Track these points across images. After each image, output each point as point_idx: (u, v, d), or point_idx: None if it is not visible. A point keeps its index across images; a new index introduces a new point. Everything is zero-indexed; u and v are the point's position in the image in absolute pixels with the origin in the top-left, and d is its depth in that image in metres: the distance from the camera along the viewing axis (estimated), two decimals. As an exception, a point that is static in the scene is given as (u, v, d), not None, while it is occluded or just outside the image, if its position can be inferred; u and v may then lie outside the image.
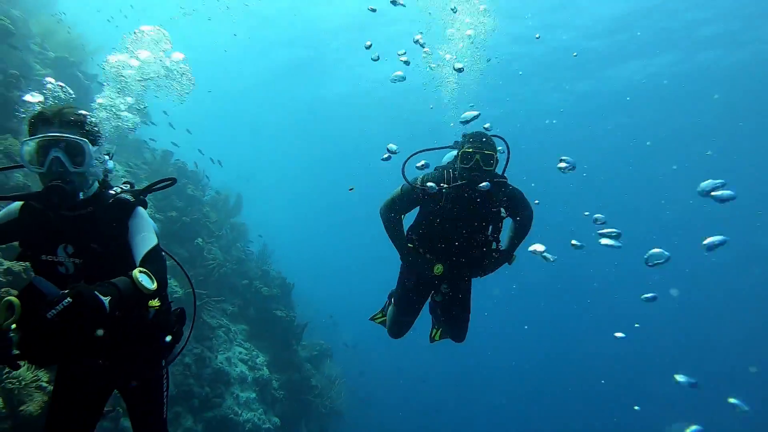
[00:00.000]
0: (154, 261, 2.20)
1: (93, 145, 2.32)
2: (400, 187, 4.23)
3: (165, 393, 2.76)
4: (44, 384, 4.33)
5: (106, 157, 2.47)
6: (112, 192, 2.46)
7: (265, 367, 11.18)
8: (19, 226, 2.39)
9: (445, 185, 4.00)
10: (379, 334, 5.84)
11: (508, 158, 4.16)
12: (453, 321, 4.80)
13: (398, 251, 4.43)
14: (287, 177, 59.71)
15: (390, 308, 5.13)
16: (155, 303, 2.29)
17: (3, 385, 4.12)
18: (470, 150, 3.86)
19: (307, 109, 37.57)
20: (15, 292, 1.91)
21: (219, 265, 10.69)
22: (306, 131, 43.84)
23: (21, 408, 4.09)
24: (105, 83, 2.69)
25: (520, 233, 4.33)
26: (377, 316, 5.64)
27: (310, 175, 57.66)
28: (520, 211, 4.24)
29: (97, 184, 2.46)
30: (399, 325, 5.01)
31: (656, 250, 4.35)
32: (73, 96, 2.60)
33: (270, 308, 12.19)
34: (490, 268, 4.35)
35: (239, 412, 8.96)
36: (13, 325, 1.64)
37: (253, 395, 10.02)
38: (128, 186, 2.63)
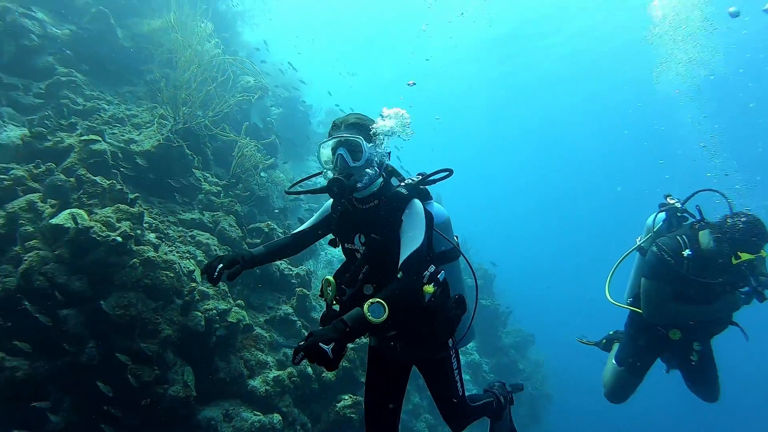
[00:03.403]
0: (407, 270, 2.26)
1: (369, 143, 2.56)
2: (652, 276, 4.06)
3: (456, 370, 2.93)
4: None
5: (382, 157, 2.65)
6: (395, 185, 2.65)
7: (475, 352, 12.94)
8: (331, 219, 2.86)
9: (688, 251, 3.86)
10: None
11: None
12: (702, 379, 4.43)
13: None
14: (495, 172, 62.24)
15: (613, 368, 4.78)
16: (430, 289, 2.33)
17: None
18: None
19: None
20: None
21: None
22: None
23: (323, 374, 6.67)
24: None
25: None
26: (586, 341, 5.40)
27: (519, 172, 59.39)
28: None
29: (381, 179, 2.67)
30: (626, 388, 4.72)
31: None
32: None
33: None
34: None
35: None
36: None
37: (467, 377, 11.74)
38: (419, 178, 2.75)
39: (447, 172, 2.72)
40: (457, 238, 2.90)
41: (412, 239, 2.36)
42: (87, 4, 9.78)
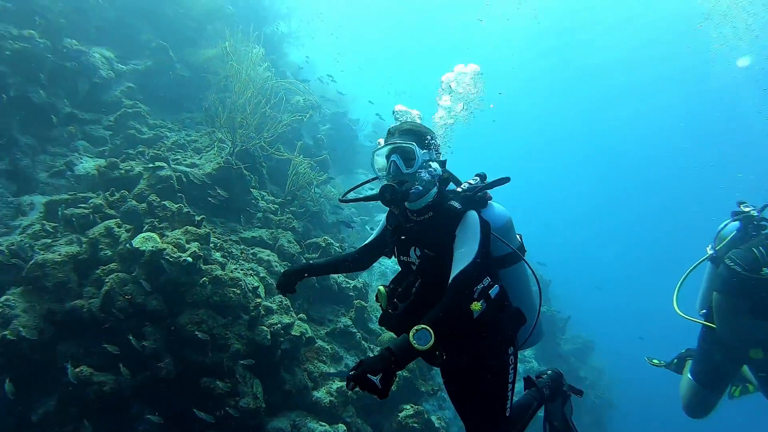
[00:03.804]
0: (454, 289, 2.20)
1: (423, 149, 2.48)
2: (726, 290, 3.86)
3: (510, 383, 2.65)
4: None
5: (436, 165, 2.55)
6: (450, 195, 2.57)
7: (533, 360, 12.71)
8: (388, 231, 2.81)
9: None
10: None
11: None
12: None
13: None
14: (545, 171, 61.27)
15: (689, 382, 4.56)
16: (477, 306, 2.25)
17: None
18: None
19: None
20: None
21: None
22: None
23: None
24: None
25: None
26: (656, 362, 5.22)
27: (573, 170, 58.22)
28: None
29: (435, 189, 2.56)
30: (706, 405, 4.46)
31: None
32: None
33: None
34: None
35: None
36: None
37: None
38: (477, 180, 2.73)
39: (504, 180, 2.63)
40: (520, 237, 2.78)
41: (463, 255, 2.29)
42: (148, 40, 10.44)
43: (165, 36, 10.57)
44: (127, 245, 5.11)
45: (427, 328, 2.00)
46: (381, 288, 2.71)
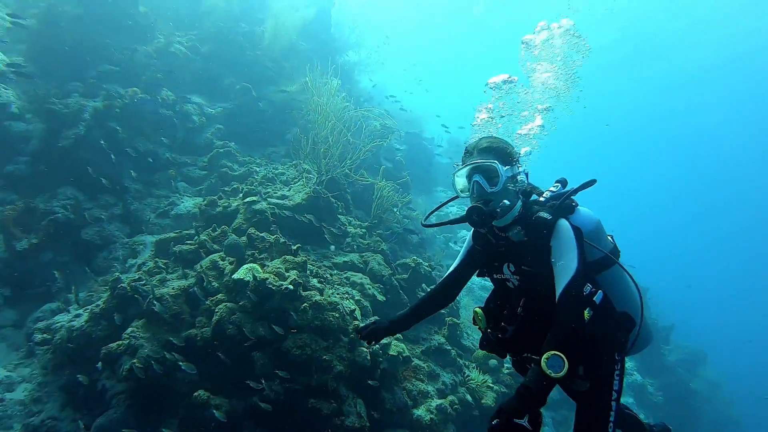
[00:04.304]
0: (566, 305, 2.12)
1: (505, 165, 2.39)
2: None
3: (614, 394, 2.45)
4: (491, 384, 6.98)
5: (521, 178, 2.48)
6: (535, 206, 2.47)
7: (636, 372, 11.98)
8: (476, 251, 2.70)
9: None
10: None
11: None
12: None
13: None
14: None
15: None
16: (585, 315, 2.20)
17: (468, 385, 6.92)
18: None
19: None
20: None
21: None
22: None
23: (482, 401, 6.74)
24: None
25: None
26: None
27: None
28: None
29: (520, 203, 2.48)
30: None
31: None
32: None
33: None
34: None
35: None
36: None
37: (631, 399, 10.97)
38: (558, 187, 2.62)
39: (590, 183, 2.48)
40: (611, 238, 2.65)
41: (564, 268, 2.18)
42: (232, 83, 11.17)
43: (247, 77, 11.26)
44: (233, 276, 5.42)
45: (557, 353, 1.92)
46: (478, 310, 2.65)
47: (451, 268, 2.83)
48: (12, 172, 7.65)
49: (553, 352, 1.92)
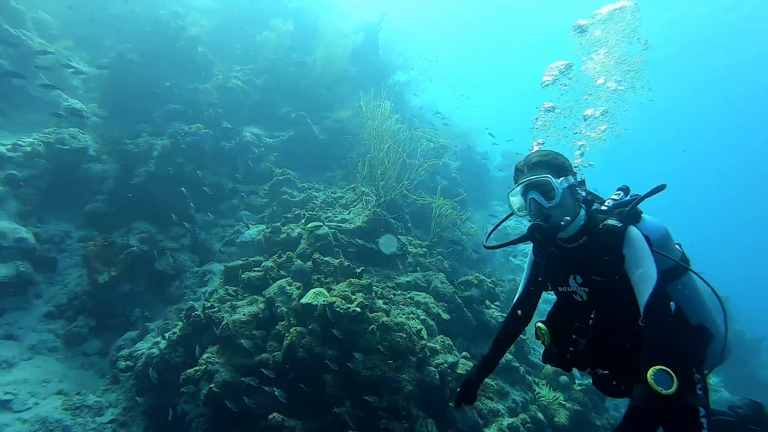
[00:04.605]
0: (658, 317, 2.00)
1: (559, 177, 2.30)
2: None
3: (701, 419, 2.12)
4: (562, 401, 6.75)
5: (578, 188, 2.38)
6: (600, 214, 2.40)
7: (723, 389, 11.20)
8: (539, 265, 2.65)
9: None
10: None
11: None
12: None
13: None
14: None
15: None
16: None
17: (539, 403, 6.71)
18: None
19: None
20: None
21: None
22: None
23: (555, 419, 6.53)
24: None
25: None
26: None
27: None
28: None
29: (583, 212, 2.37)
30: None
31: None
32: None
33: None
34: None
35: None
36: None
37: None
38: (620, 194, 2.52)
39: (660, 188, 2.33)
40: (680, 246, 2.50)
41: (644, 277, 2.07)
42: (287, 112, 11.55)
43: (302, 105, 11.63)
44: (301, 301, 5.54)
45: (666, 369, 1.80)
46: (540, 324, 2.57)
47: (520, 289, 2.77)
48: (92, 210, 8.19)
49: (660, 367, 1.81)
